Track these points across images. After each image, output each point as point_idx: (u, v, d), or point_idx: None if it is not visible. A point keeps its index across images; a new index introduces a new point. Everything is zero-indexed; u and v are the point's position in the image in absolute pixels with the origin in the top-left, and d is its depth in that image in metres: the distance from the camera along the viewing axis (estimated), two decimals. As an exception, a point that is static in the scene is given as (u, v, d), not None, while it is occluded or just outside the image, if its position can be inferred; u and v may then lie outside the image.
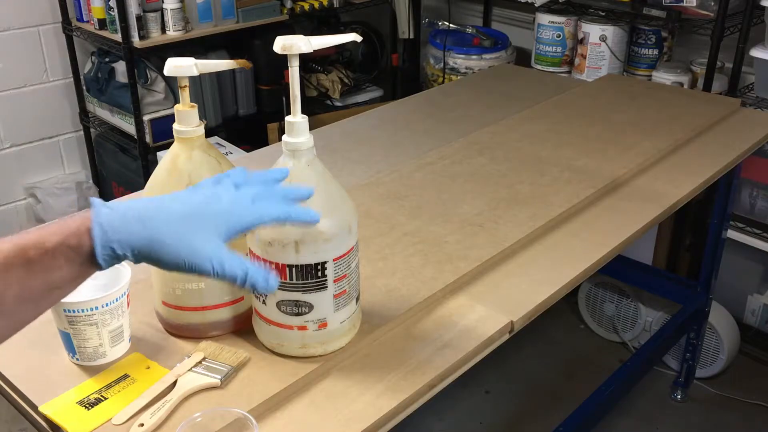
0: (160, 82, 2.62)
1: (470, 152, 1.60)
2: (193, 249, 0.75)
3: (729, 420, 2.19)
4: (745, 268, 2.35)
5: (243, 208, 0.79)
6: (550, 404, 2.24)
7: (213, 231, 0.76)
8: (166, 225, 0.75)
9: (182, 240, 0.74)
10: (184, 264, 0.74)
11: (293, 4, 2.81)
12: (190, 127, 0.96)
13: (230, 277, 0.76)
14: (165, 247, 0.74)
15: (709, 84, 2.18)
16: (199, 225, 0.76)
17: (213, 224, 0.76)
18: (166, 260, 0.74)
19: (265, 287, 0.78)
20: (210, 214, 0.77)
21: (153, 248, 0.74)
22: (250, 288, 0.78)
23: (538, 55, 2.61)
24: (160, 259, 0.74)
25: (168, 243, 0.74)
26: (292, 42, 0.88)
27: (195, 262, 0.75)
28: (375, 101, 3.10)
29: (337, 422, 0.90)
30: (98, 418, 0.89)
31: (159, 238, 0.74)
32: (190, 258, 0.74)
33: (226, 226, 0.77)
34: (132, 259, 0.74)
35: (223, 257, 0.76)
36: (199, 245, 0.75)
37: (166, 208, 0.76)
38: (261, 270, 0.78)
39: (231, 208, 0.78)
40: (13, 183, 2.83)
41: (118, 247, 0.72)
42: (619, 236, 1.31)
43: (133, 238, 0.73)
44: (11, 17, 2.64)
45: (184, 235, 0.75)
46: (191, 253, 0.74)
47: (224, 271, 0.76)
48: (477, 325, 1.07)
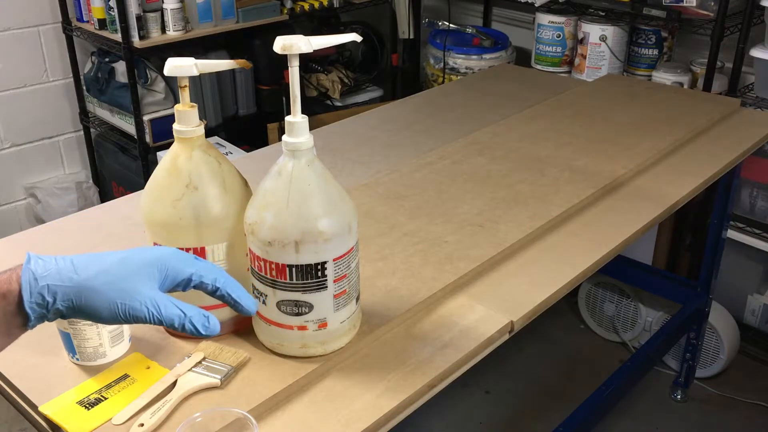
0: (160, 82, 2.62)
1: (470, 152, 1.60)
2: (126, 293, 0.72)
3: (729, 420, 2.19)
4: (745, 268, 2.35)
5: (182, 260, 0.77)
6: (550, 404, 2.24)
7: (147, 277, 0.74)
8: (98, 272, 0.72)
9: (116, 285, 0.72)
10: (118, 309, 0.72)
11: (293, 4, 2.82)
12: (190, 127, 0.96)
13: (167, 321, 0.74)
14: (98, 294, 0.71)
15: (709, 84, 2.18)
16: (134, 271, 0.74)
17: (148, 271, 0.74)
18: (98, 308, 0.72)
19: (206, 330, 0.76)
20: (145, 261, 0.75)
21: (85, 295, 0.71)
22: (189, 332, 0.76)
23: (538, 55, 2.61)
24: (92, 306, 0.72)
25: (101, 290, 0.72)
26: (292, 42, 0.88)
27: (130, 306, 0.72)
28: (375, 101, 3.10)
29: (337, 422, 0.90)
30: (98, 418, 0.89)
31: (91, 285, 0.71)
32: (124, 302, 0.72)
33: (163, 275, 0.75)
34: (63, 308, 0.71)
35: (158, 301, 0.74)
36: (133, 290, 0.73)
37: (100, 257, 0.74)
38: (200, 313, 0.76)
39: (169, 256, 0.77)
40: (13, 183, 2.83)
41: (47, 294, 0.70)
42: (619, 236, 1.31)
43: (64, 285, 0.71)
44: (11, 17, 2.64)
45: (117, 281, 0.72)
46: (125, 298, 0.72)
47: (161, 314, 0.73)
48: (477, 325, 1.07)
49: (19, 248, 1.28)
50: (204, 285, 0.78)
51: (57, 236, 1.33)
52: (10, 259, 0.72)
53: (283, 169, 0.92)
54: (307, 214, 0.91)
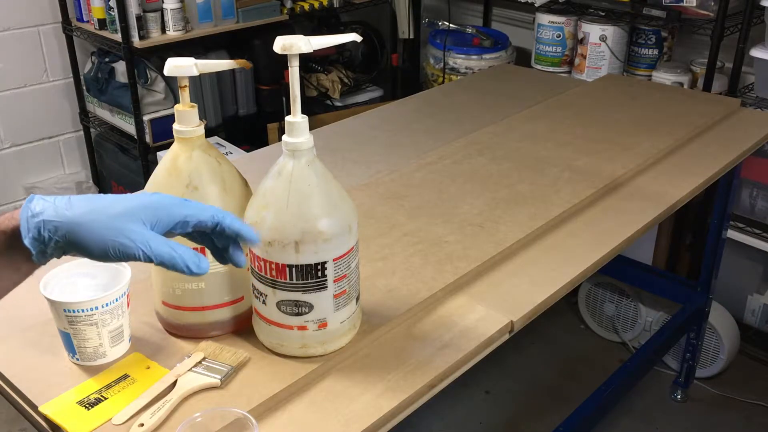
0: (160, 82, 2.62)
1: (470, 152, 1.60)
2: (117, 230, 0.75)
3: (729, 420, 2.19)
4: (745, 268, 2.35)
5: (176, 203, 0.79)
6: (550, 404, 2.24)
7: (140, 219, 0.76)
8: (91, 209, 0.75)
9: (107, 222, 0.75)
10: (108, 246, 0.74)
11: (293, 4, 2.82)
12: (190, 127, 0.96)
13: (157, 257, 0.76)
14: (88, 230, 0.74)
15: (709, 84, 2.18)
16: (126, 211, 0.76)
17: (141, 213, 0.76)
18: (89, 243, 0.74)
19: (197, 269, 0.78)
20: (139, 203, 0.77)
21: (76, 231, 0.74)
22: (180, 270, 0.77)
23: (538, 55, 2.61)
24: (83, 242, 0.74)
25: (91, 226, 0.74)
26: (292, 42, 0.88)
27: (119, 242, 0.74)
28: (375, 101, 3.10)
29: (337, 422, 0.90)
30: (98, 418, 0.89)
31: (82, 221, 0.74)
32: (114, 239, 0.74)
33: (156, 217, 0.77)
34: (60, 242, 0.74)
35: (149, 238, 0.76)
36: (124, 227, 0.75)
37: (96, 197, 0.77)
38: (191, 252, 0.78)
39: (162, 200, 0.79)
40: (13, 183, 2.83)
41: (43, 229, 0.73)
42: (619, 236, 1.31)
43: (58, 221, 0.73)
44: (11, 17, 2.64)
45: (108, 219, 0.75)
46: (115, 234, 0.74)
47: (150, 250, 0.75)
48: (477, 325, 1.07)
49: (19, 248, 1.28)
50: (203, 223, 0.80)
51: (57, 236, 1.33)
52: (10, 259, 0.73)
53: (283, 169, 0.92)
54: (307, 214, 0.91)
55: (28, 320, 1.05)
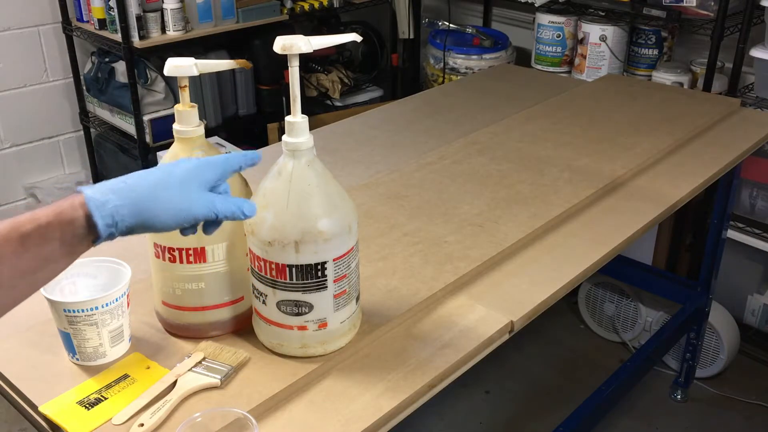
0: (160, 82, 2.62)
1: (470, 152, 1.60)
2: (182, 199, 0.81)
3: (729, 420, 2.19)
4: (745, 268, 2.35)
5: (210, 163, 0.85)
6: (550, 404, 2.24)
7: (196, 183, 0.82)
8: (152, 186, 0.80)
9: (176, 196, 0.80)
10: (180, 214, 0.80)
11: (293, 4, 2.82)
12: (190, 127, 0.96)
13: (223, 213, 0.83)
14: (158, 204, 0.79)
15: (709, 84, 2.18)
16: (185, 180, 0.81)
17: (196, 178, 0.82)
18: (162, 216, 0.79)
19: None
20: (189, 171, 0.83)
21: (147, 207, 0.78)
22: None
23: (538, 55, 2.61)
24: (156, 217, 0.79)
25: (164, 202, 0.79)
26: (292, 42, 0.88)
27: (189, 208, 0.81)
28: (375, 101, 3.10)
29: (337, 422, 0.90)
30: (98, 418, 0.89)
31: (149, 198, 0.79)
32: (182, 207, 0.80)
33: (204, 178, 0.83)
34: (130, 224, 0.78)
35: (213, 200, 0.82)
36: (192, 197, 0.81)
37: (145, 174, 0.82)
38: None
39: (201, 163, 0.84)
40: (13, 183, 2.83)
41: (116, 214, 0.76)
42: (619, 236, 1.31)
43: (129, 203, 0.77)
44: (11, 17, 2.64)
45: (176, 192, 0.80)
46: (183, 202, 0.80)
47: (217, 210, 0.82)
48: (477, 325, 1.07)
49: (19, 248, 1.28)
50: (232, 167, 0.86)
51: (57, 236, 1.33)
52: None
53: (283, 169, 0.92)
54: (307, 214, 0.91)
55: (28, 320, 1.05)
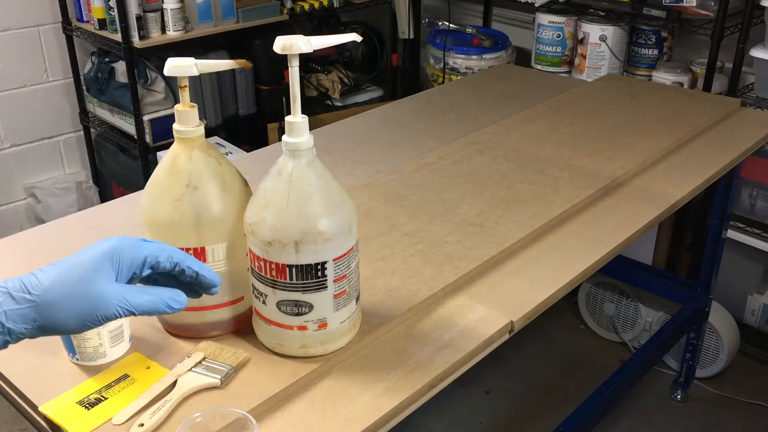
0: (160, 82, 2.62)
1: (470, 152, 1.60)
2: (88, 298, 0.70)
3: (729, 420, 2.19)
4: (745, 268, 2.35)
5: (132, 246, 0.75)
6: (550, 404, 2.24)
7: (103, 274, 0.71)
8: (51, 285, 0.69)
9: (74, 293, 0.69)
10: (85, 316, 0.70)
11: (293, 4, 2.82)
12: (190, 127, 0.96)
13: (139, 310, 0.73)
14: (59, 307, 0.69)
15: (709, 84, 2.18)
16: (87, 273, 0.71)
17: (101, 267, 0.71)
18: (65, 321, 0.69)
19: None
20: (95, 258, 0.72)
21: (46, 312, 0.68)
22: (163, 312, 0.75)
23: (538, 55, 2.61)
24: (58, 322, 0.69)
25: (61, 302, 0.69)
26: (292, 42, 0.88)
27: (96, 309, 0.70)
28: (375, 101, 3.10)
29: (337, 422, 0.90)
30: (98, 418, 0.89)
31: (48, 300, 0.68)
32: (89, 307, 0.70)
33: (117, 266, 0.73)
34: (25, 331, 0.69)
35: (124, 294, 0.72)
36: (95, 292, 0.70)
37: (48, 270, 0.71)
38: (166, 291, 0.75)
39: (117, 246, 0.74)
40: (13, 183, 2.83)
41: (6, 320, 0.67)
42: (619, 236, 1.31)
43: (21, 308, 0.68)
44: (11, 17, 2.64)
45: (74, 289, 0.70)
46: (89, 302, 0.70)
47: (131, 306, 0.72)
48: (477, 325, 1.07)
49: (19, 248, 1.28)
50: (160, 264, 0.77)
51: (57, 236, 1.33)
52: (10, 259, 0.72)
53: (283, 169, 0.92)
54: (307, 214, 0.91)
55: (28, 320, 1.05)
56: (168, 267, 0.77)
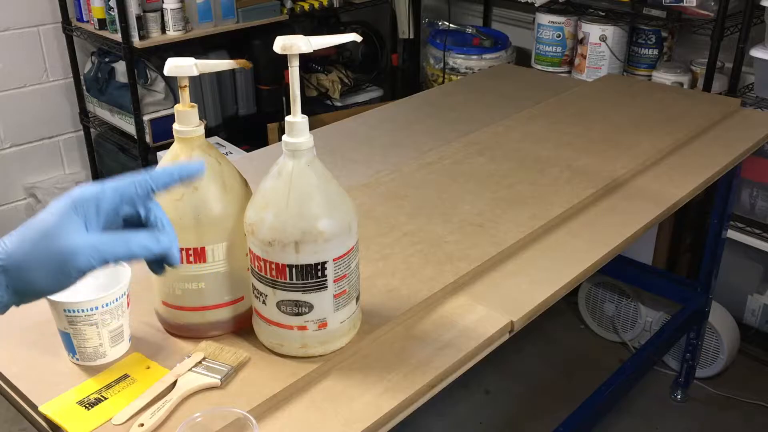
0: (160, 82, 2.62)
1: (470, 152, 1.60)
2: (59, 254, 0.65)
3: (729, 420, 2.19)
4: (745, 268, 2.35)
5: (92, 193, 0.70)
6: (550, 404, 2.23)
7: (71, 227, 0.66)
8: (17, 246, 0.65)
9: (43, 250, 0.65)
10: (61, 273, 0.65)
11: (293, 4, 2.81)
12: (190, 127, 0.96)
13: (113, 257, 0.67)
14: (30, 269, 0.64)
15: (709, 84, 2.18)
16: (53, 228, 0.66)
17: (67, 221, 0.66)
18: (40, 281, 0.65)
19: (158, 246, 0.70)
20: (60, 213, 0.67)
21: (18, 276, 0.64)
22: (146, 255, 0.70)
23: (538, 55, 2.61)
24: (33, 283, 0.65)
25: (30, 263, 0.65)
26: (292, 42, 0.88)
27: (70, 263, 0.65)
28: (375, 101, 3.10)
29: (337, 422, 0.90)
30: (98, 418, 0.89)
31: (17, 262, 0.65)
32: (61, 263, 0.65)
33: (83, 217, 0.68)
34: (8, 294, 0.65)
35: (94, 244, 0.66)
36: (64, 247, 0.65)
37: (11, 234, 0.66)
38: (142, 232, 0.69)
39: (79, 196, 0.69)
40: (13, 183, 2.83)
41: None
42: (619, 236, 1.31)
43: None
44: (11, 17, 2.64)
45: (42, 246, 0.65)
46: (60, 258, 0.65)
47: (103, 256, 0.66)
48: (477, 325, 1.07)
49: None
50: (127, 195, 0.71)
51: (57, 236, 1.33)
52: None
53: (283, 169, 0.92)
54: (307, 214, 0.91)
55: (28, 320, 1.05)
56: (140, 192, 0.72)
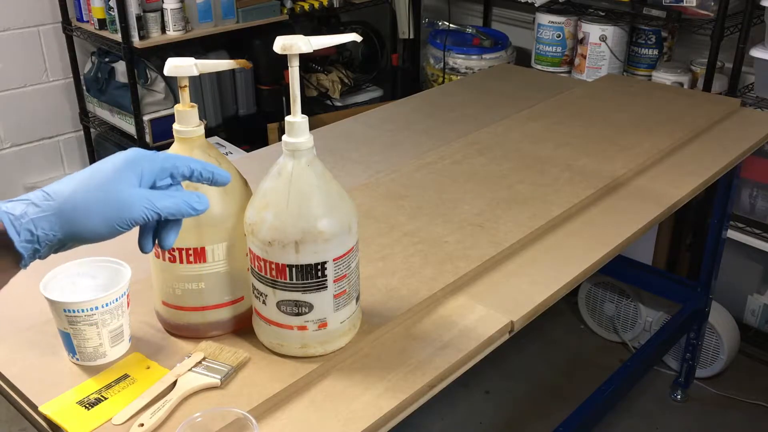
0: (160, 82, 2.62)
1: (470, 152, 1.60)
2: (113, 200, 0.70)
3: (729, 420, 2.19)
4: (745, 268, 2.35)
5: (150, 156, 0.76)
6: (550, 404, 2.24)
7: (126, 180, 0.72)
8: (74, 191, 0.70)
9: (99, 195, 0.70)
10: (114, 220, 0.70)
11: (293, 4, 2.82)
12: (190, 127, 0.96)
13: (164, 211, 0.74)
14: (84, 211, 0.69)
15: (709, 84, 2.18)
16: (110, 178, 0.71)
17: (123, 175, 0.72)
18: (91, 224, 0.70)
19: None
20: (117, 166, 0.73)
21: (72, 217, 0.69)
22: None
23: (538, 55, 2.61)
24: (84, 225, 0.69)
25: (90, 205, 0.69)
26: (292, 42, 0.88)
27: (122, 210, 0.71)
28: (375, 101, 3.11)
29: (337, 422, 0.90)
30: (98, 418, 0.89)
31: (73, 204, 0.69)
32: (114, 209, 0.70)
33: (138, 174, 0.74)
34: (54, 238, 0.69)
35: (149, 196, 0.73)
36: (119, 195, 0.71)
37: (68, 179, 0.72)
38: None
39: (137, 155, 0.75)
40: (13, 183, 2.83)
41: (34, 228, 0.67)
42: (619, 236, 1.31)
43: (47, 214, 0.68)
44: (11, 17, 2.64)
45: (102, 191, 0.70)
46: (114, 204, 0.70)
47: (156, 207, 0.73)
48: (477, 325, 1.07)
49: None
50: (178, 169, 0.79)
51: (57, 236, 1.33)
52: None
53: (283, 169, 0.92)
54: (307, 214, 0.91)
55: (28, 320, 1.05)
56: (186, 173, 0.79)
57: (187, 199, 0.77)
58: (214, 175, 0.82)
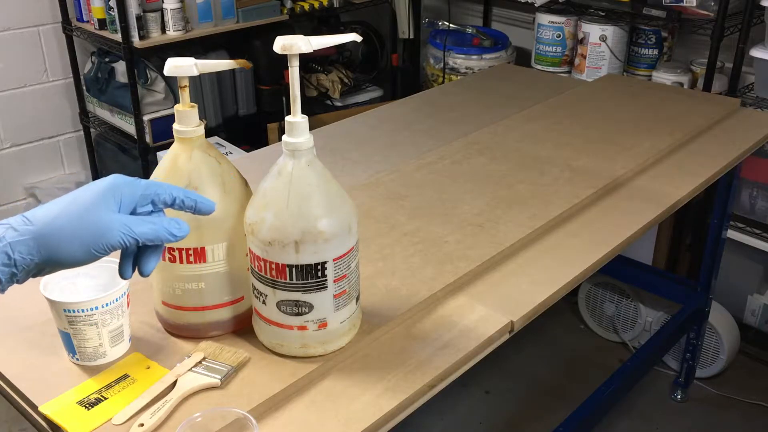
0: (160, 82, 2.62)
1: (470, 152, 1.60)
2: (92, 225, 0.72)
3: (729, 420, 2.19)
4: (745, 268, 2.35)
5: (131, 182, 0.78)
6: (550, 404, 2.24)
7: (105, 206, 0.73)
8: (54, 216, 0.71)
9: (77, 221, 0.71)
10: (91, 246, 0.71)
11: (293, 4, 2.82)
12: (190, 127, 0.96)
13: (142, 236, 0.75)
14: (62, 237, 0.70)
15: (709, 84, 2.18)
16: (90, 204, 0.73)
17: (103, 200, 0.73)
18: (69, 250, 0.71)
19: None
20: (98, 192, 0.74)
21: (49, 242, 0.70)
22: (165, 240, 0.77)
23: (538, 55, 2.61)
24: (62, 250, 0.71)
25: (64, 231, 0.70)
26: (292, 42, 0.88)
27: (100, 236, 0.72)
28: (375, 101, 3.11)
29: (337, 422, 0.90)
30: (98, 418, 0.89)
31: (51, 230, 0.70)
32: (93, 234, 0.71)
33: (118, 200, 0.75)
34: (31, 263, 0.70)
35: (126, 222, 0.74)
36: (97, 220, 0.72)
37: (49, 204, 0.73)
38: (167, 219, 0.78)
39: (118, 181, 0.76)
40: (13, 183, 2.83)
41: (11, 251, 0.69)
42: (619, 236, 1.31)
43: (24, 239, 0.69)
44: (11, 17, 2.64)
45: (77, 218, 0.72)
46: (92, 230, 0.71)
47: (134, 233, 0.74)
48: (477, 325, 1.07)
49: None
50: (160, 197, 0.80)
51: (57, 236, 1.33)
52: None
53: (283, 169, 0.92)
54: (307, 214, 0.91)
55: (28, 320, 1.05)
56: (168, 200, 0.80)
57: (166, 226, 0.77)
58: (197, 203, 0.83)
